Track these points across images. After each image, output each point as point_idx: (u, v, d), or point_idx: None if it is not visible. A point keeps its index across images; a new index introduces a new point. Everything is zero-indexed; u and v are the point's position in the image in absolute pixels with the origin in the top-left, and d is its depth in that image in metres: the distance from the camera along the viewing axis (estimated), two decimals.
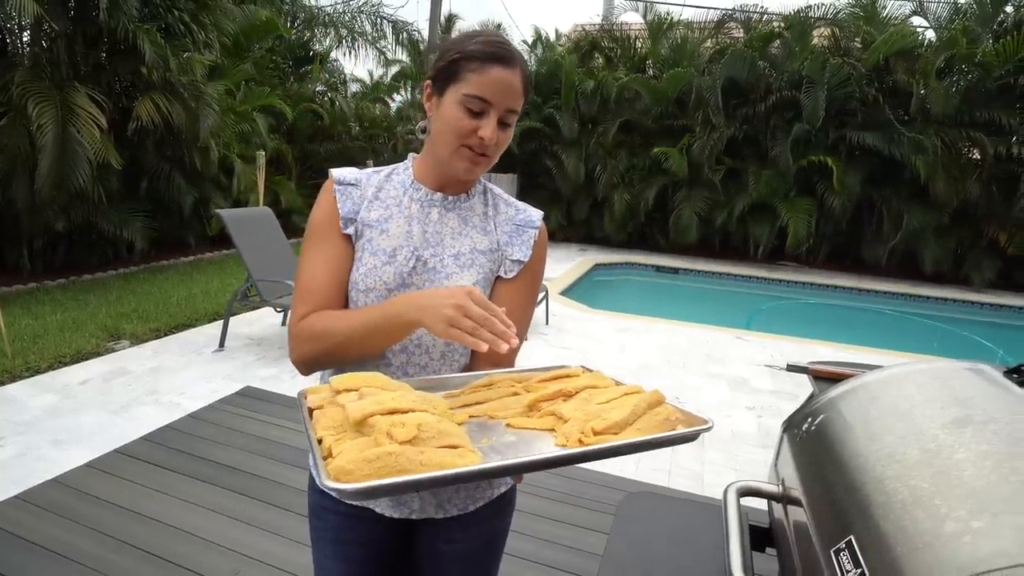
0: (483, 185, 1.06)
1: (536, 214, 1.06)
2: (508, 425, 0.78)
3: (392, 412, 0.67)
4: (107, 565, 1.99)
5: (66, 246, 6.04)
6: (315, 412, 0.75)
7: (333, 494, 0.55)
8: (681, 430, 0.74)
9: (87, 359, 3.86)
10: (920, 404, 1.00)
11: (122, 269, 6.43)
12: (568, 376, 0.92)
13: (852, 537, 0.76)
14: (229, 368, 3.86)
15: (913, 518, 0.72)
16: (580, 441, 0.70)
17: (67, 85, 5.18)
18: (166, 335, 4.46)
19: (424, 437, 0.63)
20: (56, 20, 5.09)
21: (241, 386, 3.54)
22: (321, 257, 0.95)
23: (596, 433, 0.71)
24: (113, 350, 4.06)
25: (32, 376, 3.53)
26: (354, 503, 0.98)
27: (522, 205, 1.07)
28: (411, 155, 1.04)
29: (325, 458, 0.64)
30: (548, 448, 0.72)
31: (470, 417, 0.80)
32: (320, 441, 0.68)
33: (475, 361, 1.00)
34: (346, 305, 0.96)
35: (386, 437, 0.62)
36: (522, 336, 1.04)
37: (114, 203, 6.00)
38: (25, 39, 5.45)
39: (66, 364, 3.75)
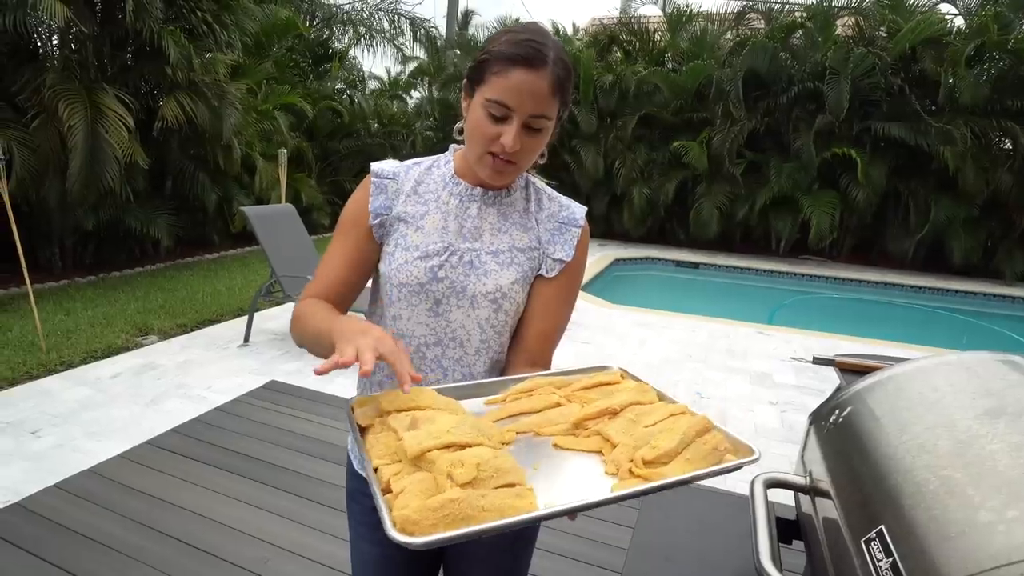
0: (525, 179, 1.04)
1: (580, 211, 1.03)
2: (555, 445, 0.79)
3: (449, 446, 0.68)
4: (143, 553, 2.05)
5: (95, 244, 6.19)
6: (368, 434, 0.76)
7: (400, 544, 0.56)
8: (729, 462, 0.73)
9: (118, 354, 3.96)
10: (950, 395, 0.99)
11: (149, 266, 6.57)
12: (609, 384, 0.91)
13: (883, 527, 0.76)
14: (254, 363, 3.93)
15: (945, 507, 0.71)
16: (631, 471, 0.71)
17: (95, 86, 5.29)
18: (192, 330, 4.55)
19: (483, 477, 0.64)
20: (84, 23, 5.20)
21: (266, 380, 3.61)
22: (339, 251, 0.99)
23: (646, 463, 0.71)
24: (142, 345, 4.16)
25: (66, 370, 3.64)
26: None
27: (566, 201, 1.04)
28: (452, 147, 1.03)
29: (384, 492, 0.65)
30: (598, 475, 0.73)
31: (517, 434, 0.80)
32: (376, 470, 0.69)
33: (511, 361, 1.01)
34: (351, 297, 1.00)
35: (447, 479, 0.63)
36: (560, 335, 1.04)
37: (141, 202, 6.13)
38: (55, 42, 5.57)
39: (98, 358, 3.85)
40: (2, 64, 5.05)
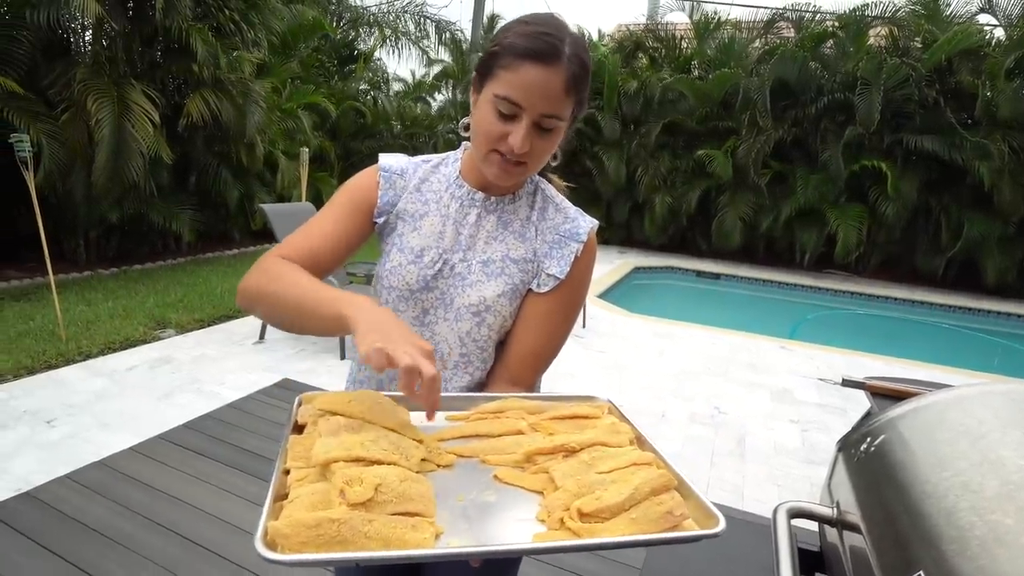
0: (535, 185, 0.98)
1: (585, 225, 0.95)
2: (496, 477, 0.72)
3: (358, 460, 0.62)
4: (146, 547, 2.03)
5: (119, 237, 6.28)
6: (303, 431, 0.72)
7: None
8: (678, 533, 0.63)
9: (135, 346, 3.99)
10: (997, 429, 0.91)
11: (170, 260, 6.65)
12: (586, 417, 0.83)
13: (922, 573, 0.69)
14: (268, 360, 3.92)
15: (994, 557, 0.64)
16: (562, 521, 0.63)
17: (124, 82, 5.37)
18: (209, 325, 4.57)
19: (380, 500, 0.58)
20: (116, 20, 5.29)
21: (279, 378, 3.60)
22: (331, 221, 0.94)
23: (583, 515, 0.62)
24: (159, 338, 4.19)
25: (84, 360, 3.67)
26: None
27: (574, 213, 0.97)
28: (463, 145, 0.98)
29: (281, 497, 0.60)
30: (527, 519, 0.65)
31: (460, 458, 0.74)
32: (288, 472, 0.65)
33: (490, 378, 0.96)
34: (326, 272, 0.94)
35: (339, 495, 0.57)
36: (548, 358, 0.96)
37: (164, 196, 6.21)
38: (87, 38, 5.67)
39: (115, 350, 3.88)
40: (36, 59, 5.14)
